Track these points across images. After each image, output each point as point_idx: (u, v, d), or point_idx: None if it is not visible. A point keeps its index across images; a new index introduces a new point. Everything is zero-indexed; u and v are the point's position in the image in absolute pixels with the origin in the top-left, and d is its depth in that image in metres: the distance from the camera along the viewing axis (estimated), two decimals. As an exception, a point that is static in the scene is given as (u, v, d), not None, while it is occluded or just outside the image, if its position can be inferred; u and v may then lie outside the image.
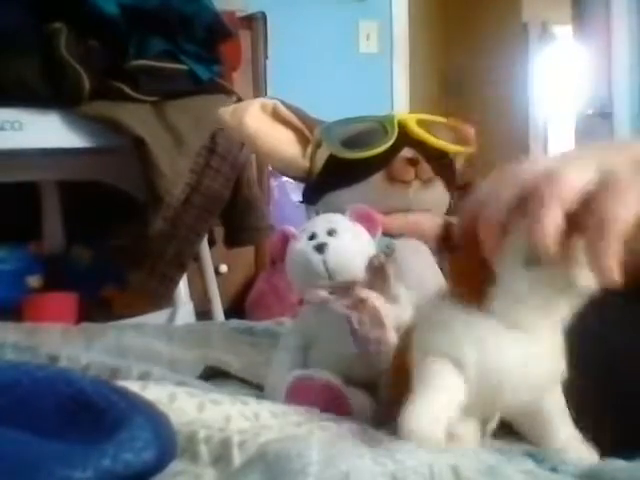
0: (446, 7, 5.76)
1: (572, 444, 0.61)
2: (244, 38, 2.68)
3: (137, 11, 1.81)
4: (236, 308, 2.62)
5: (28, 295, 2.07)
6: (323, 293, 0.78)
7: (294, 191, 3.01)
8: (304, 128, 1.16)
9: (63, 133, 1.78)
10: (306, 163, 1.15)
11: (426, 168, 1.10)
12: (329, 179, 1.13)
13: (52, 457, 0.48)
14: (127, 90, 1.81)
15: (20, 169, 1.90)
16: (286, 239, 0.83)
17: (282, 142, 1.15)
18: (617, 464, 0.55)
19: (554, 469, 0.53)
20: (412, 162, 1.09)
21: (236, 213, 2.02)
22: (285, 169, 1.20)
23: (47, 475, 0.46)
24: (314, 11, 3.67)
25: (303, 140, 1.16)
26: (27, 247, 2.18)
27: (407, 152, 1.10)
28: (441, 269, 0.99)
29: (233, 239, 2.08)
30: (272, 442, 0.51)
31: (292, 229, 0.84)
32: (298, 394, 0.74)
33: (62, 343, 1.09)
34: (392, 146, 1.08)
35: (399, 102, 3.83)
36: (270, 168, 2.69)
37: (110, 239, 2.04)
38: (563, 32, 5.57)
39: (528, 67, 5.69)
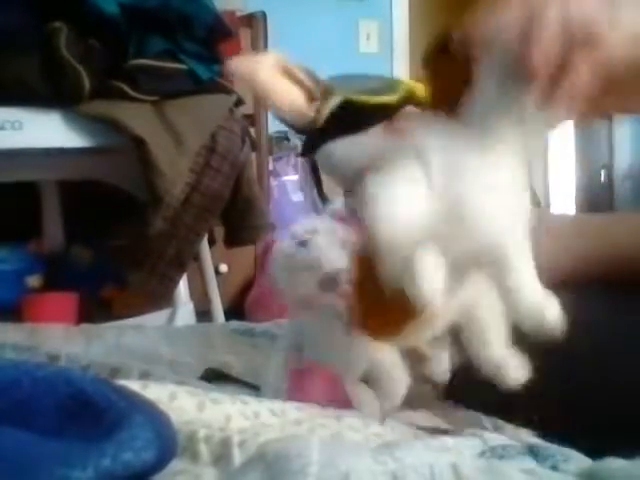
0: (446, 6, 5.75)
1: (507, 361, 0.61)
2: (244, 37, 2.68)
3: (137, 10, 1.81)
4: (236, 308, 2.62)
5: (28, 295, 2.07)
6: (308, 290, 0.79)
7: (294, 190, 3.02)
8: (314, 87, 1.22)
9: (63, 133, 1.78)
10: (312, 113, 1.20)
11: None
12: (333, 128, 1.17)
13: (52, 456, 0.48)
14: (127, 90, 1.81)
15: (20, 169, 1.90)
16: (270, 246, 0.86)
17: (291, 95, 1.21)
18: (616, 463, 0.55)
19: (554, 467, 0.53)
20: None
21: (236, 212, 2.02)
22: (291, 119, 1.25)
23: (47, 474, 0.46)
24: (314, 11, 3.66)
25: (311, 97, 1.23)
26: (27, 247, 2.18)
27: (410, 109, 1.18)
28: None
29: (233, 239, 2.08)
30: (272, 442, 0.51)
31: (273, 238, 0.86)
32: (301, 389, 0.74)
33: (62, 343, 1.09)
34: (397, 103, 1.15)
35: (399, 102, 3.83)
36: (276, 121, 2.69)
37: (110, 239, 2.04)
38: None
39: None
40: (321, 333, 0.74)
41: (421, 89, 1.19)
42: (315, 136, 1.20)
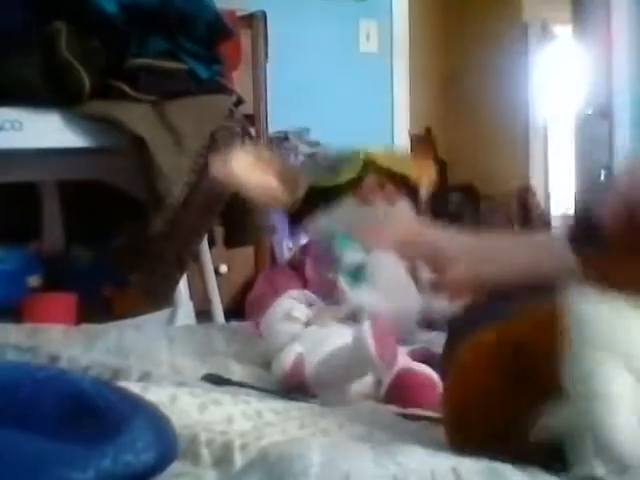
0: (446, 7, 5.75)
1: None
2: (244, 37, 2.67)
3: (137, 10, 1.81)
4: (236, 308, 2.61)
5: (28, 295, 2.07)
6: None
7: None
8: (285, 173, 1.36)
9: (63, 132, 1.78)
10: (285, 199, 1.35)
11: (390, 189, 1.30)
12: (306, 209, 1.31)
13: (53, 458, 0.48)
14: (127, 89, 1.80)
15: (20, 169, 1.89)
16: None
17: (266, 184, 1.34)
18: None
19: (555, 471, 0.53)
20: (379, 185, 1.30)
21: (236, 213, 2.02)
22: (269, 204, 1.42)
23: (48, 476, 0.46)
24: (314, 10, 3.66)
25: (283, 181, 1.36)
26: (27, 247, 2.18)
27: (372, 178, 1.30)
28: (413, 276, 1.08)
29: (233, 239, 2.08)
30: (273, 444, 0.51)
31: None
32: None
33: (63, 344, 1.09)
34: (359, 174, 1.28)
35: (399, 102, 3.83)
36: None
37: (110, 239, 2.04)
38: (563, 32, 5.57)
39: (528, 67, 5.68)
40: None
41: (379, 155, 1.37)
42: (293, 217, 1.38)
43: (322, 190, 1.31)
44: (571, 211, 4.99)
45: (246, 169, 1.32)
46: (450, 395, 0.66)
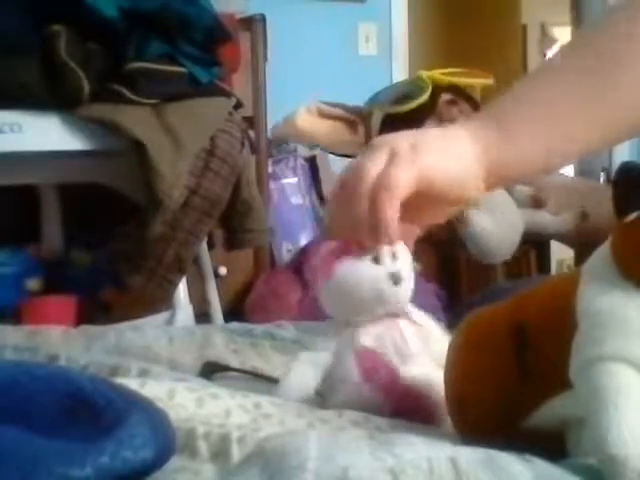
0: (445, 9, 5.76)
1: None
2: (243, 40, 2.67)
3: (136, 13, 1.81)
4: (235, 311, 2.62)
5: (27, 298, 2.07)
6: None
7: (293, 194, 3.01)
8: (350, 116, 1.39)
9: (62, 135, 1.78)
10: (359, 139, 1.36)
11: (464, 106, 1.39)
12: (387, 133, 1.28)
13: (51, 455, 0.48)
14: (126, 93, 1.81)
15: (19, 172, 1.90)
16: (337, 256, 0.74)
17: (333, 131, 1.35)
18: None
19: (553, 459, 0.53)
20: (452, 102, 1.40)
21: (235, 216, 2.02)
22: (344, 150, 1.40)
23: (46, 473, 0.46)
24: (313, 13, 3.67)
25: (351, 125, 1.39)
26: (26, 250, 2.18)
27: (445, 97, 1.40)
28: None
29: (232, 242, 2.08)
30: (271, 438, 0.51)
31: (342, 245, 0.75)
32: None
33: (61, 345, 1.09)
34: (431, 95, 1.38)
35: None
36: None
37: (109, 242, 2.04)
38: (562, 33, 5.58)
39: (527, 68, 5.69)
40: None
41: (439, 75, 1.40)
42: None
43: (399, 115, 1.36)
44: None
45: (309, 121, 1.36)
46: (449, 375, 0.64)
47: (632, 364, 0.50)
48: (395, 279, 0.72)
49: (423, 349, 0.74)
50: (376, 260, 0.72)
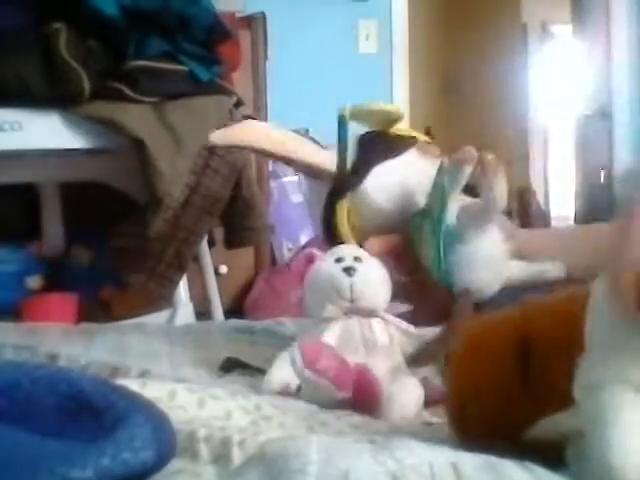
0: (445, 7, 5.75)
1: None
2: (244, 38, 2.68)
3: (137, 12, 1.81)
4: (236, 308, 2.62)
5: (28, 296, 2.07)
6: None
7: (294, 192, 3.01)
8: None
9: (63, 134, 1.78)
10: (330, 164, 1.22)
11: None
12: (368, 157, 1.18)
13: (52, 456, 0.48)
14: (127, 91, 1.81)
15: (20, 170, 1.90)
16: (311, 260, 0.88)
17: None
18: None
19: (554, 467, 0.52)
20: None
21: (236, 214, 2.02)
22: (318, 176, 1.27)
23: (47, 473, 0.46)
24: (313, 11, 3.66)
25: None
26: (27, 248, 2.18)
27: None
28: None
29: (233, 240, 2.08)
30: (272, 441, 0.51)
31: (317, 252, 0.89)
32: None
33: (62, 343, 1.09)
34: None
35: (398, 102, 3.83)
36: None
37: (110, 240, 2.04)
38: (563, 32, 5.57)
39: (527, 67, 5.69)
40: None
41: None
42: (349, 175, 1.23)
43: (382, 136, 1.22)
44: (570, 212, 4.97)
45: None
46: (450, 381, 0.64)
47: (633, 385, 0.52)
48: (348, 271, 0.83)
49: (392, 344, 0.84)
50: (338, 260, 0.85)
